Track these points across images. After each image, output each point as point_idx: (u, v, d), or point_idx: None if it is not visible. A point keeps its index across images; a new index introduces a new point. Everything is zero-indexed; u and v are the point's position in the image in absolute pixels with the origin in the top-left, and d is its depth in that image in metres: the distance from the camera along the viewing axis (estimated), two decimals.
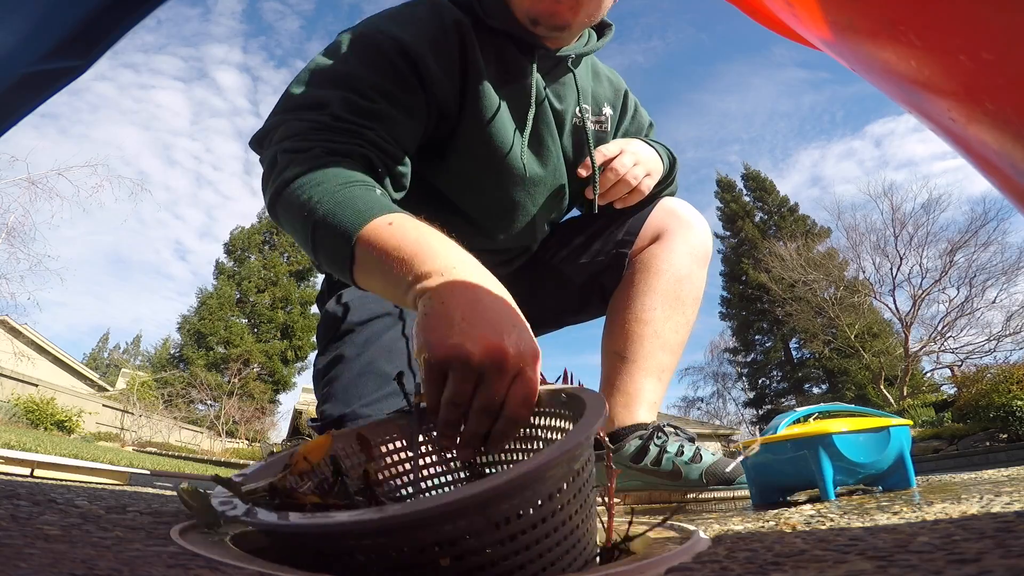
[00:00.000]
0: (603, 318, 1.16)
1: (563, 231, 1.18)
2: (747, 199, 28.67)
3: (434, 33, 0.87)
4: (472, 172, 0.98)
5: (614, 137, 1.13)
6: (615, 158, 0.99)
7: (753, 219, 27.83)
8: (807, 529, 0.46)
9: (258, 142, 0.84)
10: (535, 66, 0.95)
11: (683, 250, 1.08)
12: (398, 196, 0.83)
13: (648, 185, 1.03)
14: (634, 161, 1.01)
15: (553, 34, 0.92)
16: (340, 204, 0.66)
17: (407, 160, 0.84)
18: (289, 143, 0.75)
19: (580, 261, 1.14)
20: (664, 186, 1.11)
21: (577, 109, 1.03)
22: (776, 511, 0.62)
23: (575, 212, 1.20)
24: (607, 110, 1.10)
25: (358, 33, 0.86)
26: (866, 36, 0.25)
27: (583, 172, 0.99)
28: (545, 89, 0.99)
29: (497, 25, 0.91)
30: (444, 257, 0.58)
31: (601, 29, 1.06)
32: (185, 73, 53.27)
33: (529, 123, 0.96)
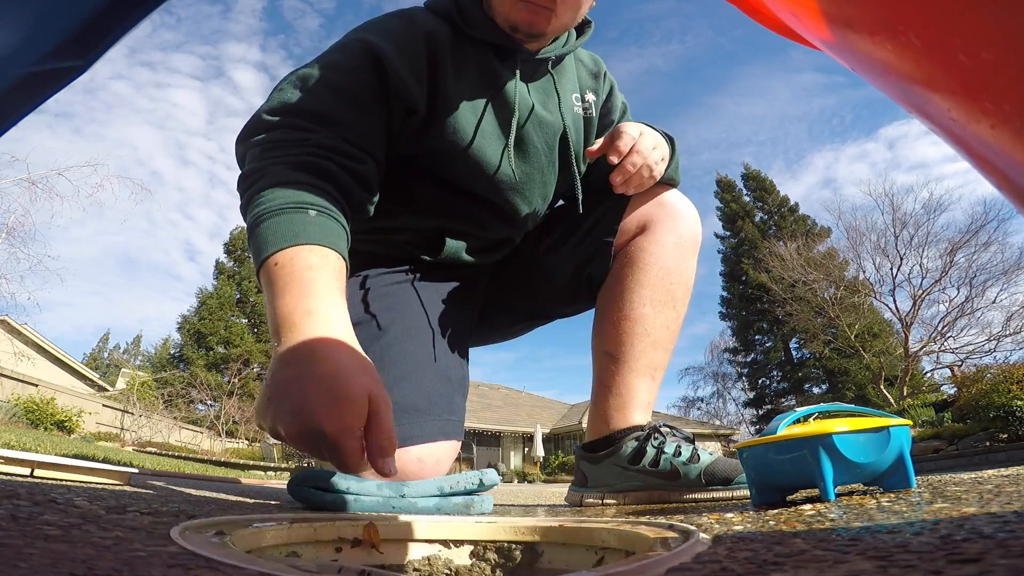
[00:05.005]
0: (592, 312, 1.15)
1: (548, 221, 1.18)
2: (747, 199, 28.68)
3: (402, 38, 0.91)
4: (461, 176, 0.99)
5: (598, 119, 1.13)
6: (638, 140, 0.96)
7: (753, 219, 27.85)
8: (807, 529, 0.46)
9: (236, 149, 0.89)
10: (518, 72, 0.99)
11: (671, 240, 1.06)
12: (366, 195, 0.87)
13: (661, 171, 1.01)
14: (653, 144, 0.98)
15: (531, 40, 0.97)
16: (259, 232, 0.71)
17: (368, 157, 0.87)
18: (250, 165, 0.82)
19: (565, 251, 1.13)
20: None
21: (561, 107, 1.04)
22: (776, 511, 0.62)
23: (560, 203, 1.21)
24: (590, 96, 1.12)
25: (338, 44, 0.92)
26: (865, 36, 0.25)
27: (595, 151, 0.98)
28: (529, 94, 1.01)
29: (478, 35, 0.96)
30: (300, 309, 0.63)
31: (581, 27, 1.08)
32: (202, 71, 53.51)
33: (513, 130, 0.98)
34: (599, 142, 0.98)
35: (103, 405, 13.39)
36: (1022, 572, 0.24)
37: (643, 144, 0.96)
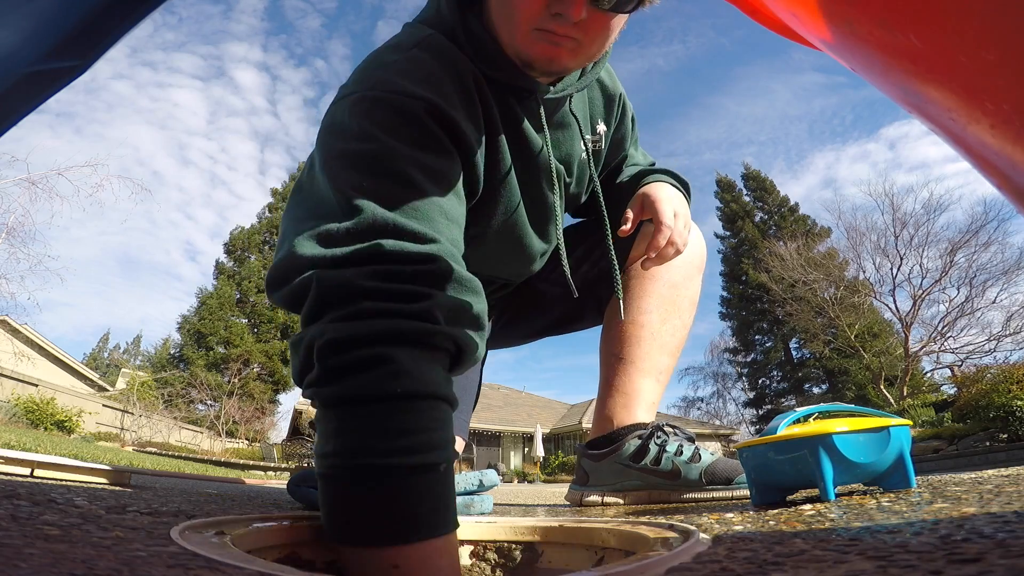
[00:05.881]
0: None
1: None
2: (747, 199, 28.70)
3: (458, 91, 0.73)
4: (490, 238, 0.92)
5: (607, 149, 1.06)
6: (674, 229, 0.93)
7: (753, 219, 27.88)
8: (807, 529, 0.46)
9: (277, 285, 0.59)
10: (544, 122, 0.85)
11: (678, 259, 1.06)
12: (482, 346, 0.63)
13: (687, 241, 0.98)
14: (684, 223, 0.96)
15: (548, 76, 0.81)
16: (383, 495, 0.48)
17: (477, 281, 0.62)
18: (340, 327, 0.51)
19: (577, 275, 1.14)
20: None
21: (574, 154, 0.95)
22: (776, 511, 0.62)
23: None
24: (601, 128, 1.01)
25: (375, 98, 0.67)
26: (865, 36, 0.25)
27: (628, 229, 0.95)
28: (548, 140, 0.89)
29: (497, 75, 0.78)
30: None
31: None
32: (203, 71, 53.67)
33: (556, 194, 0.90)
34: (630, 216, 0.95)
35: (103, 405, 13.40)
36: (1022, 572, 0.24)
37: (677, 231, 0.93)
